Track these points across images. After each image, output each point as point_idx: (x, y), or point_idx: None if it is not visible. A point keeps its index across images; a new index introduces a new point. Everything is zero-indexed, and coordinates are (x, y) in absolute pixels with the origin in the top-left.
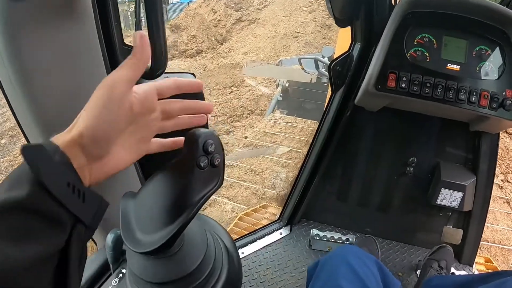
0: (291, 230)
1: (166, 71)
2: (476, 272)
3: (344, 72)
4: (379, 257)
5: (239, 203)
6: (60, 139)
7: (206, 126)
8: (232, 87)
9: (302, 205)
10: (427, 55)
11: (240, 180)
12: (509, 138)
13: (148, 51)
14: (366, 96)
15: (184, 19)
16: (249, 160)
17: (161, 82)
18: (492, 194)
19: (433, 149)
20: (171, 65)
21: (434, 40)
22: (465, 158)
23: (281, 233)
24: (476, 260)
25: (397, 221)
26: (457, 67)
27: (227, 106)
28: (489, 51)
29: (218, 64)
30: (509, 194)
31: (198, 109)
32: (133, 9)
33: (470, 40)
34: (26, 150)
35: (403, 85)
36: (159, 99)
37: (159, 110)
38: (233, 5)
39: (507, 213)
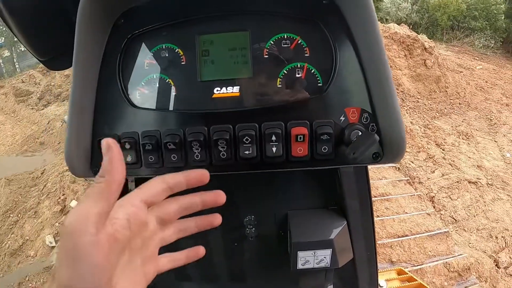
0: None
1: None
2: None
3: None
4: None
5: None
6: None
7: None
8: None
9: None
10: (171, 85)
11: None
12: None
13: (123, 168)
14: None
15: None
16: None
17: (148, 188)
18: (390, 177)
19: (273, 199)
20: (46, 112)
21: (179, 51)
22: (322, 200)
23: None
24: (387, 278)
25: None
26: (235, 91)
27: None
28: (297, 40)
29: None
30: (408, 174)
31: (198, 203)
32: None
33: (252, 29)
34: None
35: (129, 158)
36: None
37: (154, 221)
38: None
39: (411, 195)
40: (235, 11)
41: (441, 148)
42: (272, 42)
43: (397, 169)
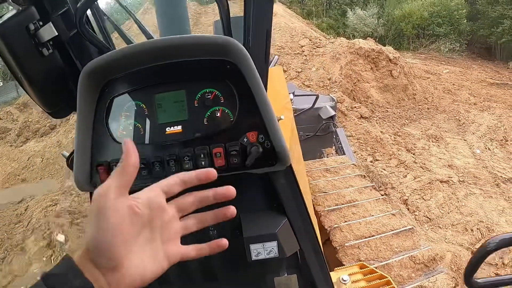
0: None
1: None
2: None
3: None
4: None
5: None
6: (75, 254)
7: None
8: None
9: None
10: (140, 127)
11: None
12: (366, 122)
13: (136, 156)
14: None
15: None
16: None
17: (165, 180)
18: (356, 185)
19: (228, 204)
20: (25, 149)
21: (143, 105)
22: (267, 202)
23: None
24: (350, 272)
25: (228, 287)
26: (178, 128)
27: None
28: (215, 92)
29: (72, 137)
30: (380, 181)
31: (210, 196)
32: None
33: (187, 88)
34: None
35: None
36: (170, 198)
37: (174, 209)
38: None
39: (376, 199)
40: (175, 79)
41: (411, 153)
42: (199, 95)
43: (363, 177)
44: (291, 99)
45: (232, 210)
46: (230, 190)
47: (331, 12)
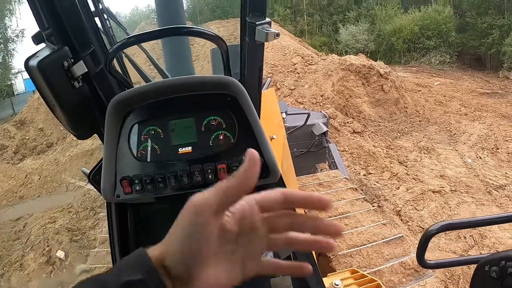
0: None
1: None
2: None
3: None
4: None
5: None
6: (151, 253)
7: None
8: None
9: None
10: (157, 148)
11: None
12: (359, 136)
13: (253, 177)
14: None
15: (28, 113)
16: (107, 257)
17: (266, 194)
18: (348, 196)
19: None
20: (22, 166)
21: (160, 130)
22: None
23: None
24: (342, 277)
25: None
26: (189, 149)
27: (87, 199)
28: (218, 119)
29: (69, 155)
30: (373, 193)
31: (316, 227)
32: None
33: (195, 116)
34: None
35: (138, 188)
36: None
37: (265, 228)
38: None
39: (368, 210)
40: (186, 109)
41: (404, 165)
42: (205, 122)
43: (354, 189)
44: (283, 118)
45: (333, 246)
46: (338, 230)
47: (324, 29)
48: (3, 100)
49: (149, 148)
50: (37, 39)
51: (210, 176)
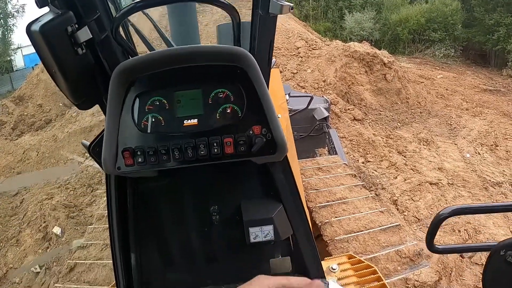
0: None
1: None
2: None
3: None
4: None
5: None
6: None
7: None
8: (86, 153)
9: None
10: (161, 119)
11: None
12: (359, 124)
13: None
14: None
15: (27, 88)
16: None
17: (293, 281)
18: (347, 182)
19: (231, 193)
20: (20, 142)
21: (164, 101)
22: (264, 191)
23: None
24: (339, 262)
25: (228, 267)
26: (195, 121)
27: (84, 176)
28: (227, 92)
29: (67, 132)
30: (371, 181)
31: None
32: None
33: (203, 88)
34: None
35: (140, 160)
36: None
37: None
38: None
39: (366, 197)
40: (193, 80)
41: (402, 155)
42: (213, 94)
43: (353, 176)
44: (286, 100)
45: None
46: None
47: (329, 15)
48: (2, 76)
49: (153, 119)
50: (40, 2)
51: (215, 150)
